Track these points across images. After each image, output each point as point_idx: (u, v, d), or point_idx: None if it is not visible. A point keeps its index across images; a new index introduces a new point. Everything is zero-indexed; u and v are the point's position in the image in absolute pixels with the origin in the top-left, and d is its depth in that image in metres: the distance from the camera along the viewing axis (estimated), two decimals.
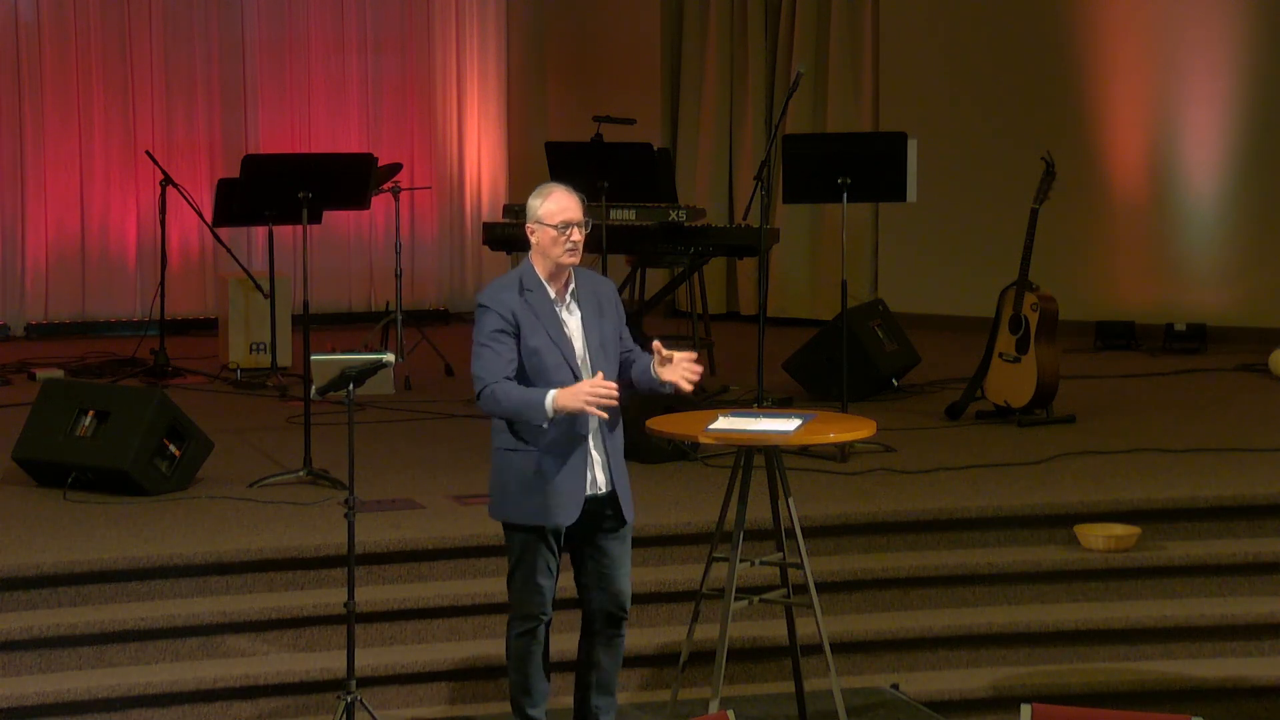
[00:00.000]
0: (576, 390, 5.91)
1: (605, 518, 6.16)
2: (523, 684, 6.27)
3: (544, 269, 6.09)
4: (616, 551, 6.21)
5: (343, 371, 6.30)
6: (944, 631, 7.54)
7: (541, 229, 6.05)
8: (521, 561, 6.16)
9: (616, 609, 6.24)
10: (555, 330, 6.06)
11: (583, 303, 6.14)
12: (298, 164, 9.44)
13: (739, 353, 11.86)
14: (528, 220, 6.08)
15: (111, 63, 13.51)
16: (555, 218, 6.03)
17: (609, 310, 6.18)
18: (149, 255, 13.26)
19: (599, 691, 6.32)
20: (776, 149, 9.65)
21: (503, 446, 6.12)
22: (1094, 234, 13.01)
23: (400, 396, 10.72)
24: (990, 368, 9.99)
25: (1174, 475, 8.58)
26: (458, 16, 14.43)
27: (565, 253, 6.04)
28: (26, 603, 7.11)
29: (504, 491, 6.14)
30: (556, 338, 6.05)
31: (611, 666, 6.32)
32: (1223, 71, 12.66)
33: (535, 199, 6.09)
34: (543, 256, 6.07)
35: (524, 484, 6.07)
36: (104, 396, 8.58)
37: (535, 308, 6.04)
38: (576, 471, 6.06)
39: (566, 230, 6.02)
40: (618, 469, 6.17)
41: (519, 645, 6.24)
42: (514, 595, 6.22)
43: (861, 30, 13.76)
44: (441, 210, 14.46)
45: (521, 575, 6.17)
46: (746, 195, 10.66)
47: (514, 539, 6.17)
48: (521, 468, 6.07)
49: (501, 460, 6.13)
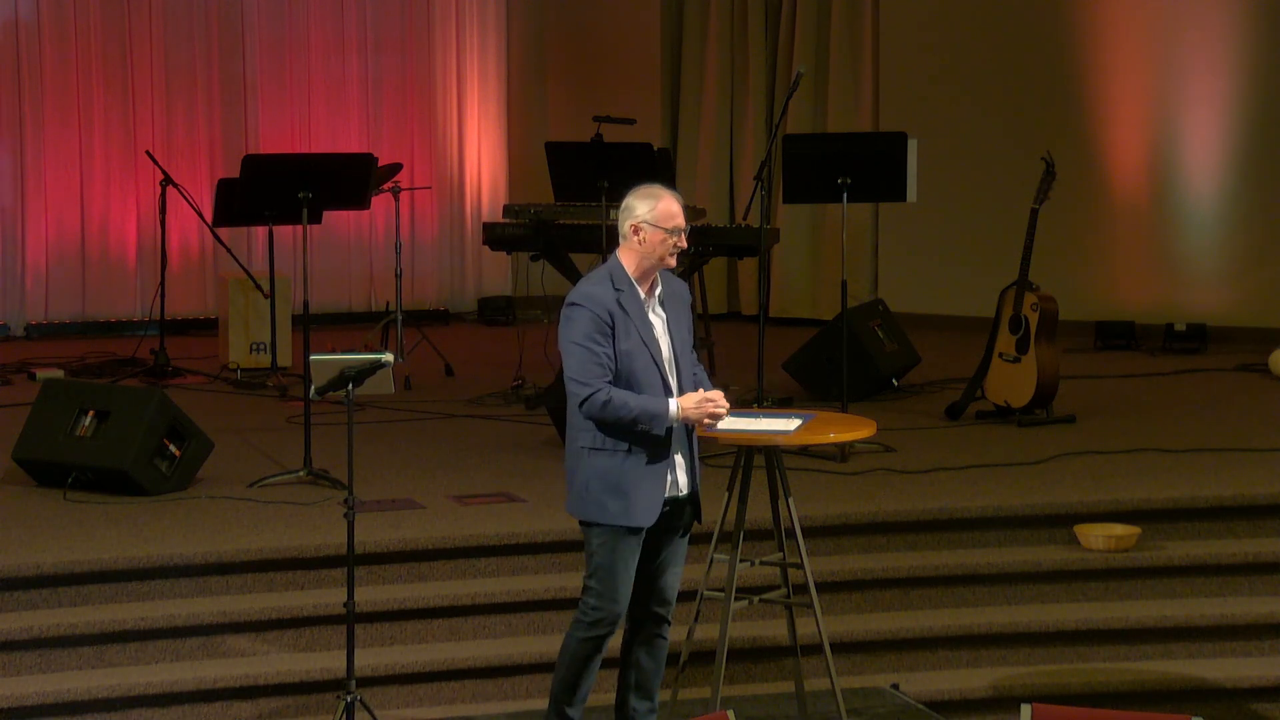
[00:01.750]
0: (699, 402, 5.97)
1: (678, 518, 6.16)
2: (572, 683, 6.17)
3: (636, 269, 6.05)
4: (675, 552, 6.20)
5: (342, 371, 6.30)
6: (944, 631, 7.54)
7: (652, 230, 6.00)
8: (603, 563, 6.07)
9: (661, 607, 6.20)
10: (646, 331, 6.03)
11: (667, 304, 6.14)
12: (298, 164, 9.45)
13: (739, 353, 11.85)
14: (629, 218, 6.02)
15: (111, 63, 13.51)
16: (669, 221, 6.01)
17: (686, 313, 6.21)
18: (149, 255, 13.26)
19: (639, 694, 6.26)
20: (776, 149, 9.65)
21: (586, 445, 6.03)
22: (1094, 234, 13.01)
23: (400, 396, 10.71)
24: (990, 368, 9.99)
25: (1174, 475, 8.58)
26: (458, 16, 14.42)
27: (670, 255, 6.04)
28: (26, 603, 7.11)
29: (585, 490, 6.05)
30: (647, 339, 6.03)
31: (652, 668, 6.25)
32: (1223, 71, 12.66)
33: (643, 201, 6.03)
34: (643, 256, 6.03)
35: (607, 484, 6.00)
36: (104, 396, 8.57)
37: (628, 307, 6.00)
38: (660, 474, 6.04)
39: (677, 235, 6.03)
40: (697, 470, 6.18)
41: (585, 647, 6.14)
42: (593, 595, 6.11)
43: (861, 30, 13.76)
44: (441, 210, 14.46)
45: (601, 578, 6.08)
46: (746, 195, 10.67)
47: (595, 538, 6.08)
48: (605, 468, 6.01)
49: (584, 459, 6.04)
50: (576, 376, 5.94)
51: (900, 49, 13.61)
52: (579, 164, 10.26)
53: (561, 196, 10.45)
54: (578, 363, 5.94)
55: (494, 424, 10.02)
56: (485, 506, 8.03)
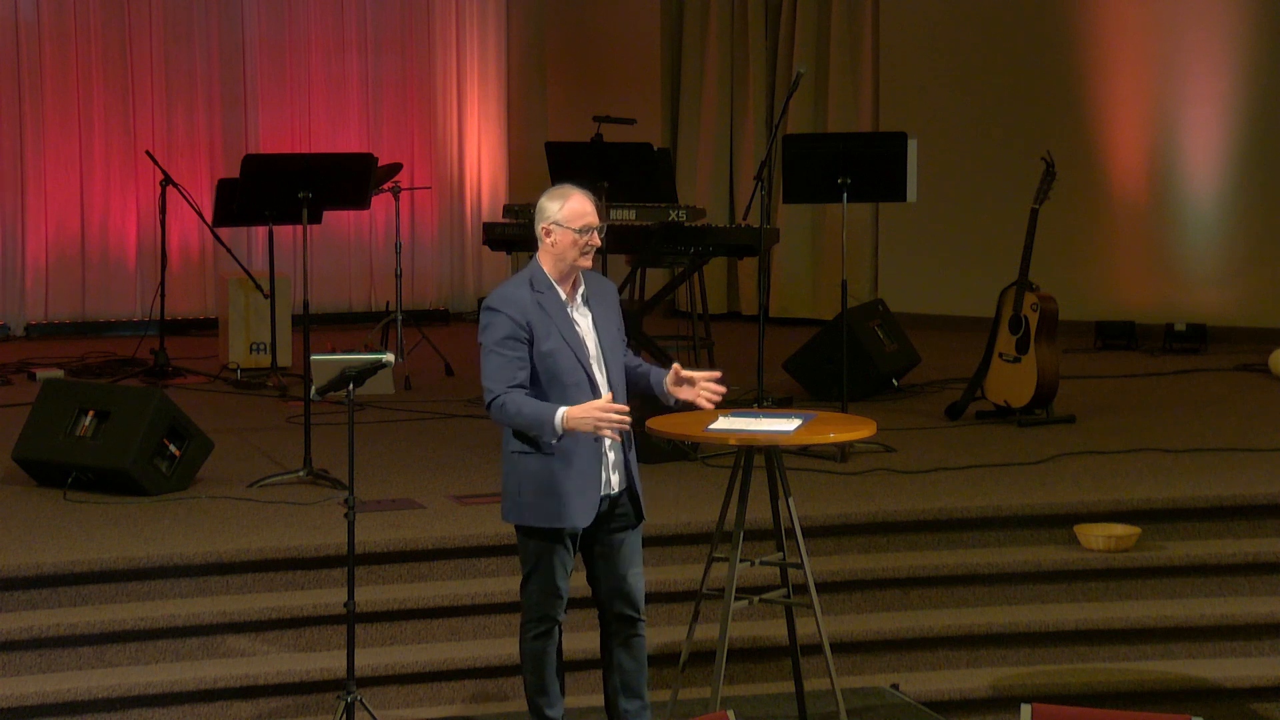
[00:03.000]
0: (587, 411, 5.84)
1: (617, 516, 6.14)
2: (540, 686, 6.21)
3: (555, 270, 6.03)
4: (627, 549, 6.17)
5: (343, 371, 6.30)
6: (944, 631, 7.54)
7: (561, 231, 5.98)
8: (538, 565, 6.09)
9: (629, 608, 6.19)
10: (569, 332, 6.01)
11: (592, 303, 6.10)
12: (298, 164, 9.44)
13: (739, 353, 11.85)
14: (542, 220, 6.01)
15: (111, 63, 13.52)
16: (577, 221, 5.97)
17: (614, 311, 6.16)
18: (149, 255, 13.27)
19: (626, 695, 6.25)
20: (776, 149, 9.65)
21: (514, 449, 6.04)
22: (1094, 234, 13.02)
23: (400, 396, 10.72)
24: (990, 368, 9.99)
25: (1174, 475, 8.58)
26: (458, 16, 14.43)
27: (582, 255, 6.01)
28: (26, 603, 7.11)
29: (517, 494, 6.05)
30: (570, 339, 6.00)
31: (634, 668, 6.24)
32: (1223, 71, 12.66)
33: (553, 201, 6.00)
34: (556, 258, 6.02)
35: (538, 487, 6.01)
36: (104, 396, 8.57)
37: (548, 309, 5.99)
38: (590, 473, 6.02)
39: (587, 234, 5.98)
40: (632, 466, 6.16)
41: (535, 647, 6.18)
42: (529, 599, 6.15)
43: (861, 30, 13.76)
44: (441, 210, 14.47)
45: (539, 579, 6.11)
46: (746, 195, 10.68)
47: (528, 543, 6.09)
48: (534, 470, 6.01)
49: (513, 463, 6.06)
50: (484, 381, 5.96)
51: (900, 49, 13.61)
52: (579, 164, 10.26)
53: None
54: (488, 367, 5.96)
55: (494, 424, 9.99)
56: (485, 506, 8.03)
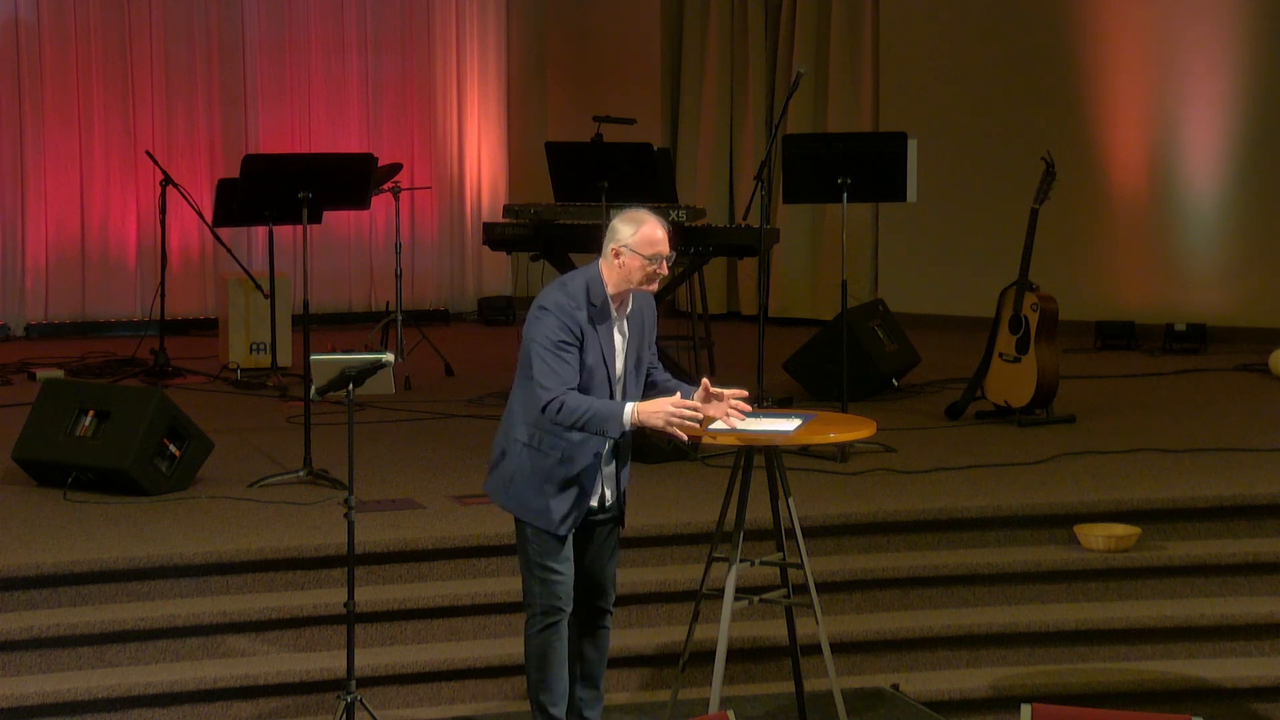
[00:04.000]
0: (660, 405, 5.88)
1: (598, 524, 6.20)
2: (543, 681, 6.21)
3: (615, 288, 6.03)
4: (606, 545, 6.23)
5: (343, 371, 6.30)
6: (944, 631, 7.54)
7: (631, 255, 5.97)
8: (536, 552, 6.12)
9: (600, 599, 6.25)
10: (609, 350, 6.05)
11: (631, 323, 6.13)
12: (298, 164, 9.44)
13: (739, 353, 11.86)
14: (613, 241, 5.99)
15: (111, 63, 13.52)
16: (648, 249, 5.98)
17: (649, 329, 6.20)
18: (149, 255, 13.27)
19: (584, 684, 6.32)
20: (776, 149, 9.65)
21: (522, 440, 6.07)
22: (1094, 234, 13.02)
23: (400, 396, 10.71)
24: (990, 368, 9.99)
25: (1174, 475, 8.58)
26: (458, 16, 14.43)
27: (647, 281, 6.03)
28: (26, 603, 7.11)
29: (509, 481, 6.10)
30: (608, 357, 6.05)
31: (596, 659, 6.32)
32: (1223, 71, 12.66)
33: (627, 225, 5.99)
34: (621, 279, 6.01)
35: (534, 486, 6.05)
36: (104, 396, 8.57)
37: (597, 324, 6.01)
38: (586, 487, 6.08)
39: (656, 263, 6.00)
40: (622, 480, 6.21)
41: (540, 641, 6.19)
42: (529, 590, 6.18)
43: (861, 30, 13.76)
44: (441, 210, 14.47)
45: (538, 567, 6.13)
46: (746, 195, 10.67)
47: (524, 528, 6.14)
48: (533, 467, 6.04)
49: (516, 452, 6.08)
50: (543, 381, 5.93)
51: (900, 49, 13.61)
52: (579, 164, 10.26)
53: (561, 196, 10.45)
54: (547, 369, 5.94)
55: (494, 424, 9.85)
56: (485, 506, 8.01)
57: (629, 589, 7.38)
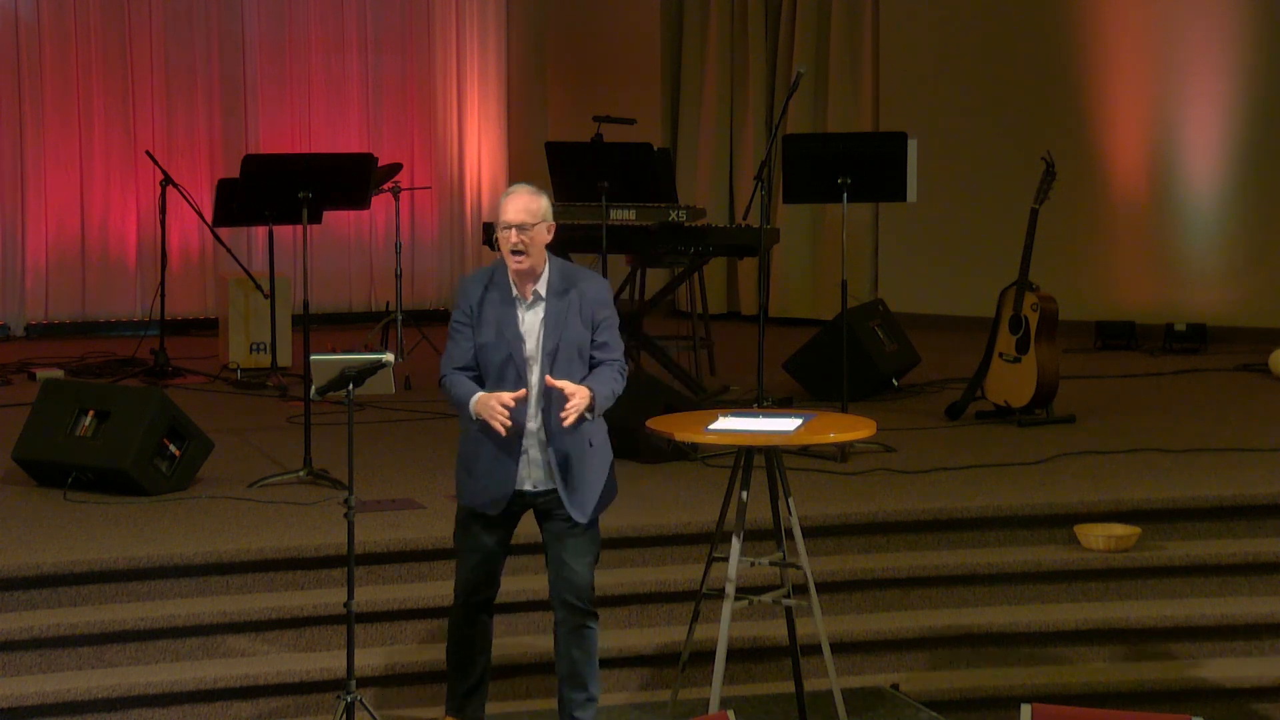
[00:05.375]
0: (487, 400, 5.98)
1: (554, 515, 6.17)
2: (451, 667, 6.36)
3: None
4: (571, 541, 6.16)
5: (343, 371, 6.30)
6: (944, 631, 7.54)
7: (496, 229, 6.05)
8: (457, 534, 6.29)
9: (574, 598, 6.18)
10: (510, 328, 6.04)
11: (553, 301, 6.07)
12: (298, 164, 9.44)
13: (739, 353, 11.86)
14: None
15: (111, 63, 13.52)
16: (500, 218, 6.00)
17: (586, 311, 6.08)
18: (149, 255, 13.27)
19: (571, 685, 6.26)
20: (776, 149, 9.65)
21: (461, 427, 6.25)
22: (1094, 234, 13.02)
23: (400, 396, 10.70)
24: (990, 368, 9.99)
25: (1174, 475, 8.58)
26: (458, 16, 14.43)
27: (511, 254, 5.98)
28: (26, 603, 7.11)
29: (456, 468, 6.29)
30: (509, 335, 6.03)
31: (582, 659, 6.23)
32: (1223, 71, 12.66)
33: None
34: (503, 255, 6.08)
35: (463, 464, 6.22)
36: (104, 396, 8.57)
37: (495, 302, 6.05)
38: (505, 465, 6.10)
39: (506, 231, 5.97)
40: (568, 470, 6.10)
41: (450, 625, 6.36)
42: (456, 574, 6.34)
43: (861, 30, 13.77)
44: (441, 210, 14.47)
45: (457, 550, 6.29)
46: (746, 195, 10.67)
47: (458, 513, 6.30)
48: (463, 449, 6.23)
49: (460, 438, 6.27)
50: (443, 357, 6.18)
51: (900, 49, 13.61)
52: (579, 164, 10.26)
53: (561, 196, 10.45)
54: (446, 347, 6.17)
55: None
56: None
57: (629, 589, 7.39)
